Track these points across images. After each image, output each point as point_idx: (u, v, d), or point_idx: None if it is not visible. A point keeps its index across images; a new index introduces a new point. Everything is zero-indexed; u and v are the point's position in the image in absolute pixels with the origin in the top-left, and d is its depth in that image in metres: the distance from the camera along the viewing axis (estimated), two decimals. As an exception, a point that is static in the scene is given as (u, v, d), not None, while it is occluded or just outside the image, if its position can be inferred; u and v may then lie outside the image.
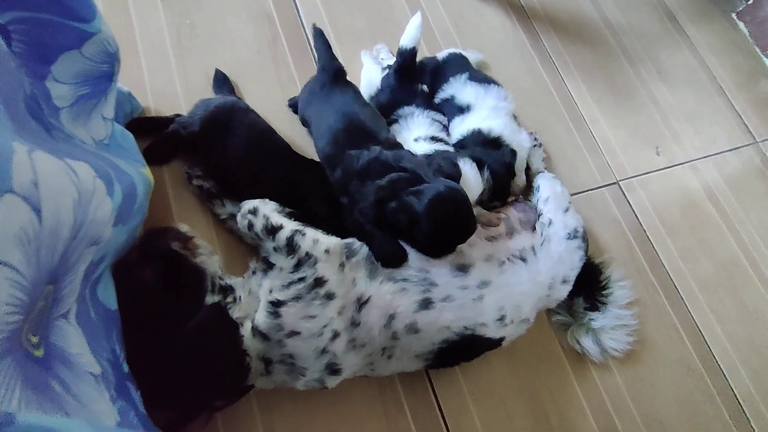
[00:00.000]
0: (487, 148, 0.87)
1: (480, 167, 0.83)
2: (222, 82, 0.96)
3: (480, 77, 0.99)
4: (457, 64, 1.01)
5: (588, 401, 0.88)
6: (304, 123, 0.93)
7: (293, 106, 0.97)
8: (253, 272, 0.74)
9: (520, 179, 0.94)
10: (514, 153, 0.90)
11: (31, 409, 0.27)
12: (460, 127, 0.92)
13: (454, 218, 0.70)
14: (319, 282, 0.65)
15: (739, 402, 0.94)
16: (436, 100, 0.98)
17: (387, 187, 0.71)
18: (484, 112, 0.92)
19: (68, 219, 0.38)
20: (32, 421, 0.22)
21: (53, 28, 0.52)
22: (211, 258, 0.73)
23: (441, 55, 1.04)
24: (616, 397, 0.89)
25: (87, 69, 0.59)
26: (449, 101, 0.96)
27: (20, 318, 0.33)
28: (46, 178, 0.34)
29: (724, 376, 0.95)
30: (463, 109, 0.94)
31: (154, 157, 0.84)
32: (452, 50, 1.05)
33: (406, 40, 0.90)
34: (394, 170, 0.72)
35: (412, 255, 0.73)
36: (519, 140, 0.93)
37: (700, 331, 0.99)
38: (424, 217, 0.68)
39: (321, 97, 0.84)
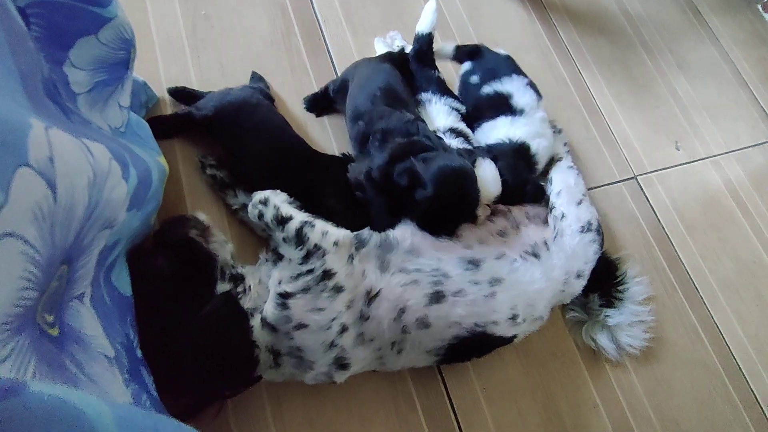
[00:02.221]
0: (519, 163, 0.84)
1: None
2: (257, 81, 0.96)
3: (534, 86, 0.95)
4: (516, 66, 0.96)
5: (602, 400, 0.85)
6: (338, 90, 0.91)
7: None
8: (265, 261, 0.74)
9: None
10: (540, 191, 0.87)
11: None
12: (508, 130, 0.88)
13: (457, 191, 0.70)
14: (327, 274, 0.64)
15: (760, 406, 0.90)
16: (485, 91, 0.92)
17: (404, 145, 0.71)
18: (535, 125, 0.89)
19: (83, 198, 0.38)
20: (43, 390, 0.22)
21: (70, 12, 0.53)
22: (223, 247, 0.74)
23: (500, 51, 0.99)
24: (632, 396, 0.87)
25: (104, 55, 0.60)
26: (504, 97, 0.90)
27: (35, 294, 0.33)
28: (62, 155, 0.34)
29: (745, 378, 0.92)
30: (515, 111, 0.89)
31: (157, 128, 0.81)
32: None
33: (422, 26, 0.89)
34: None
35: (425, 242, 0.72)
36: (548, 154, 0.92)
37: (720, 331, 0.96)
38: (428, 183, 0.68)
39: (372, 63, 0.88)
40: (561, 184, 0.87)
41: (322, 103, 0.95)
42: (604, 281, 0.88)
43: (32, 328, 0.33)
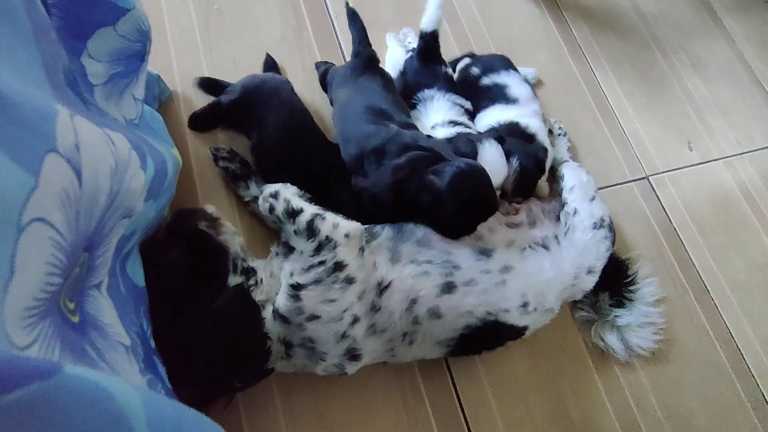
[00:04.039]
0: (519, 140, 0.86)
1: (508, 158, 0.81)
2: (271, 66, 0.97)
3: (529, 84, 1.00)
4: (512, 64, 1.02)
5: (610, 399, 0.85)
6: (332, 102, 0.93)
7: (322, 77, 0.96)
8: (276, 255, 0.74)
9: (544, 186, 0.92)
10: (545, 150, 0.88)
11: (73, 366, 0.28)
12: (499, 115, 0.91)
13: (477, 194, 0.70)
14: (338, 266, 0.64)
15: (770, 407, 0.90)
16: (484, 83, 0.97)
17: (405, 166, 0.70)
18: (528, 112, 0.92)
19: (105, 186, 0.38)
20: (78, 373, 0.22)
21: (89, 3, 0.53)
22: (234, 239, 0.74)
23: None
24: (640, 396, 0.86)
25: (121, 47, 0.60)
26: (500, 87, 0.95)
27: (60, 280, 0.33)
28: (87, 143, 0.34)
29: (755, 380, 0.92)
30: (509, 100, 0.93)
31: (196, 124, 0.90)
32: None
33: (426, 23, 0.89)
34: (412, 150, 0.71)
35: (435, 236, 0.72)
36: (548, 145, 0.93)
37: (730, 333, 0.95)
38: (447, 195, 0.67)
39: (351, 81, 0.84)
40: (574, 180, 0.87)
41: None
42: (615, 281, 0.88)
43: (56, 314, 0.34)
